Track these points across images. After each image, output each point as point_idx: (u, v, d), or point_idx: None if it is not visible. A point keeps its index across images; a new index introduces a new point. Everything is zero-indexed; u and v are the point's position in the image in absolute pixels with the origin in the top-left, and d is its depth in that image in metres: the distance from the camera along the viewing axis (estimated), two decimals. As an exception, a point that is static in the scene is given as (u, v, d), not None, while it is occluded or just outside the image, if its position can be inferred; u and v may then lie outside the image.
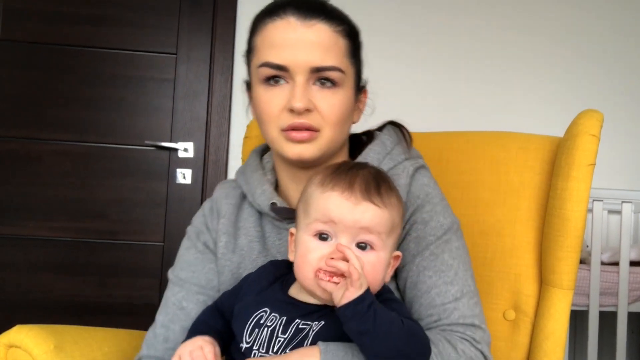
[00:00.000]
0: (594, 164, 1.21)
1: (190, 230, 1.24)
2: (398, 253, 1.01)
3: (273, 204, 1.13)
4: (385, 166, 1.13)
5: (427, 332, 0.99)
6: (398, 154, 1.16)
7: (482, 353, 1.00)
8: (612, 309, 2.53)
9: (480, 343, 1.01)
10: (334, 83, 1.06)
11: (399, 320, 0.88)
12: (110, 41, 2.77)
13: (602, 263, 2.54)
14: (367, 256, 0.92)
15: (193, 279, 1.18)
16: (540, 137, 1.41)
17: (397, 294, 1.07)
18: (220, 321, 1.05)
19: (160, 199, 2.76)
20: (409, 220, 1.09)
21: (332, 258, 0.89)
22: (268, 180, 1.18)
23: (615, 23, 3.04)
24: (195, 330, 1.05)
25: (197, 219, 1.24)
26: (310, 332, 0.92)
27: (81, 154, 2.74)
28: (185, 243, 1.23)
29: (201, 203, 2.71)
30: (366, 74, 1.18)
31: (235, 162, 2.77)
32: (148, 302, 2.64)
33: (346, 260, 0.87)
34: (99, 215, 2.74)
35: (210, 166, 2.78)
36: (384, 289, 1.00)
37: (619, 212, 2.57)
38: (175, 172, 2.77)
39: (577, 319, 2.83)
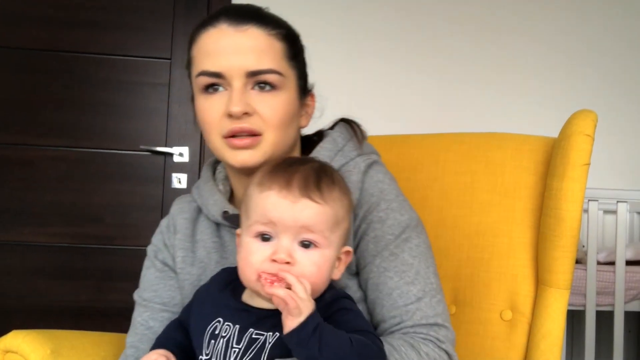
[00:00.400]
0: (589, 164, 1.22)
1: (149, 249, 1.24)
2: (348, 248, 0.99)
3: (225, 212, 1.13)
4: (336, 163, 1.11)
5: (389, 337, 0.99)
6: (350, 151, 1.15)
7: (446, 352, 1.00)
8: (608, 308, 2.54)
9: (445, 342, 1.00)
10: (273, 86, 1.05)
11: (347, 340, 0.87)
12: (105, 46, 2.78)
13: (598, 263, 2.55)
14: (311, 254, 0.91)
15: (156, 299, 1.18)
16: (535, 138, 1.41)
17: (359, 293, 1.07)
18: (182, 334, 1.04)
19: (156, 203, 2.76)
20: (365, 219, 1.08)
21: (274, 260, 0.89)
22: (220, 191, 1.17)
23: (608, 24, 3.06)
24: (157, 344, 1.04)
25: (156, 237, 1.24)
26: (266, 344, 0.90)
27: (76, 159, 2.74)
28: (145, 263, 1.24)
29: (197, 207, 2.72)
30: (364, 76, 1.16)
31: (230, 165, 2.77)
32: (145, 306, 2.63)
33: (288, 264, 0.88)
34: (95, 220, 2.73)
35: (205, 170, 2.77)
36: (340, 294, 0.98)
37: (614, 212, 2.58)
38: (170, 176, 2.77)
39: (574, 318, 2.83)
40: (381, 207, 1.08)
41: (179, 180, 2.77)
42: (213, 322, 0.95)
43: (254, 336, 0.91)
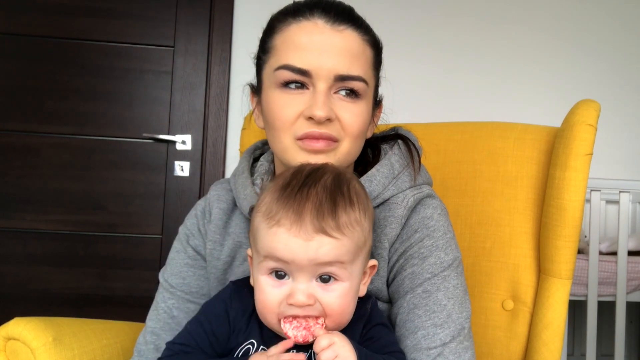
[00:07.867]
0: (592, 154, 1.21)
1: (181, 231, 1.19)
2: (374, 262, 0.93)
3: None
4: (387, 192, 1.04)
5: None
6: (403, 181, 1.07)
7: None
8: (610, 298, 2.54)
9: None
10: (356, 94, 0.99)
11: None
12: (108, 34, 2.77)
13: (601, 253, 2.55)
14: (332, 289, 0.84)
15: (183, 287, 1.14)
16: (538, 127, 1.40)
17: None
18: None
19: (159, 191, 2.76)
20: (405, 254, 1.01)
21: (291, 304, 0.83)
22: (254, 185, 1.11)
23: (611, 13, 3.04)
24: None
25: (190, 220, 1.18)
26: (312, 358, 0.85)
27: (79, 146, 2.74)
28: (176, 245, 1.19)
29: (199, 196, 2.73)
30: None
31: (233, 154, 2.77)
32: (146, 294, 2.63)
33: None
34: (98, 207, 2.74)
35: (208, 158, 2.78)
36: (373, 305, 0.94)
37: (616, 202, 2.57)
38: (173, 164, 2.77)
39: (576, 308, 2.84)
40: (425, 244, 1.01)
41: (182, 168, 2.77)
42: (245, 344, 0.90)
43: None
